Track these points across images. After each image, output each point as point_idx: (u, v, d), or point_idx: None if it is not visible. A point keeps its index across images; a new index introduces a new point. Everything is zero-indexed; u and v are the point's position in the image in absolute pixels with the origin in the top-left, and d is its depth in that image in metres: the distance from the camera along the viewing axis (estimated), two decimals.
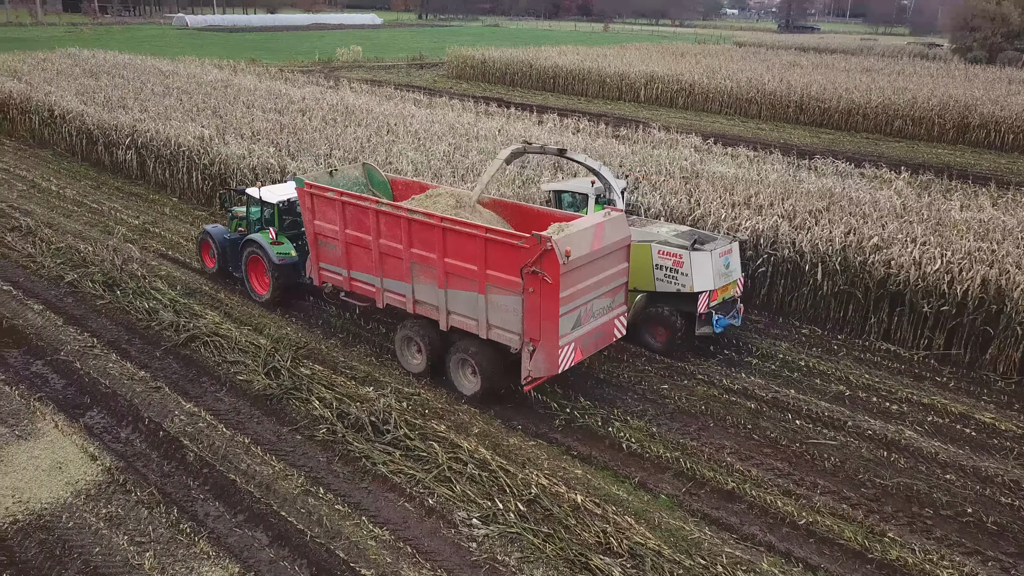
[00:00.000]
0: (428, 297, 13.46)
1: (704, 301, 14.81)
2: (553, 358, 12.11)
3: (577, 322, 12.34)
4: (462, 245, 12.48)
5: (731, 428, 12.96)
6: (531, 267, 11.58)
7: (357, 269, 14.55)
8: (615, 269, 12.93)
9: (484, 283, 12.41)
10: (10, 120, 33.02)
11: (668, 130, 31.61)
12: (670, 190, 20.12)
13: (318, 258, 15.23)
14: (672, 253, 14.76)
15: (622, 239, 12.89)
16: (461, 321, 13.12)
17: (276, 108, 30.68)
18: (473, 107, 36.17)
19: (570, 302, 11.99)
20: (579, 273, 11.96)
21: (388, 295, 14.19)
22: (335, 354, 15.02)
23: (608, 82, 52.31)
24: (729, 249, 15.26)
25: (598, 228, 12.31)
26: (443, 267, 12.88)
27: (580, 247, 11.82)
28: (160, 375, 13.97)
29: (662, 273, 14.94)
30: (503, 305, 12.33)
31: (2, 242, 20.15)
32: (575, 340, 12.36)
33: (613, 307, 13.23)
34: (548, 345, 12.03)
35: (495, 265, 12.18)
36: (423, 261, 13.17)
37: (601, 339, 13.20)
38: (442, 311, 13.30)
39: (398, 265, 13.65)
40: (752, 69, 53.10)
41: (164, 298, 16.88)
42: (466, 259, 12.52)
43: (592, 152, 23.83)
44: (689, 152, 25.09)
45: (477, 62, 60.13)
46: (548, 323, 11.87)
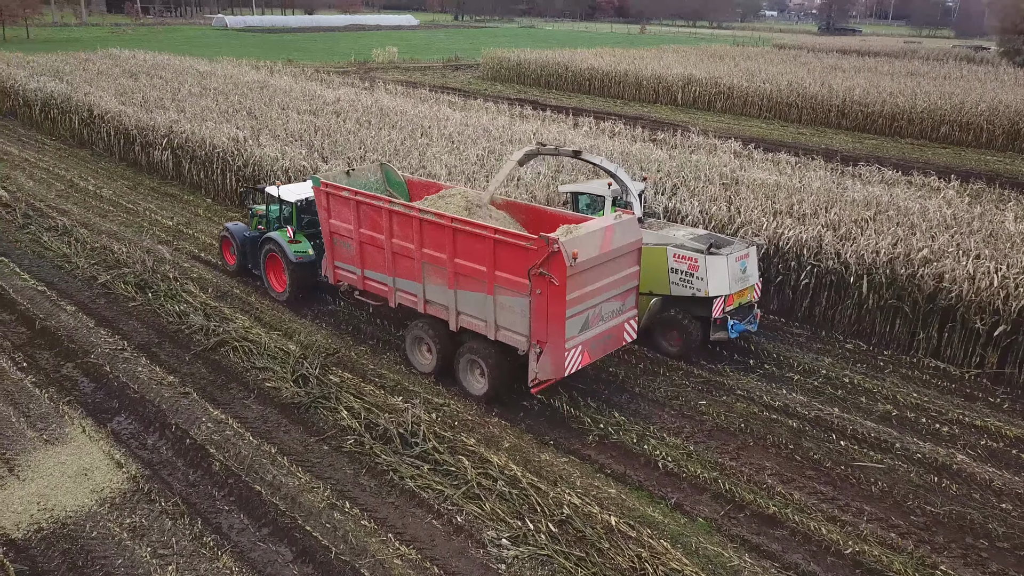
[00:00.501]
0: (438, 297, 13.45)
1: (719, 306, 14.56)
2: (559, 360, 12.03)
3: (585, 325, 12.23)
4: (471, 246, 12.46)
5: (772, 448, 12.44)
6: (538, 269, 11.53)
7: (370, 268, 14.60)
8: (625, 272, 12.77)
9: (493, 284, 12.37)
10: (51, 120, 33.44)
11: (707, 134, 30.98)
12: (709, 197, 19.58)
13: (333, 257, 15.32)
14: (688, 257, 14.52)
15: (632, 242, 12.71)
16: (470, 322, 13.09)
17: (311, 109, 30.65)
18: (508, 110, 35.86)
19: (577, 304, 11.89)
20: (587, 276, 11.86)
21: (400, 294, 14.20)
22: (364, 361, 14.77)
23: (645, 85, 51.68)
24: (746, 254, 14.96)
25: (607, 231, 12.18)
26: (453, 267, 12.86)
27: (588, 249, 11.70)
28: (189, 380, 13.83)
29: (677, 277, 14.71)
30: (511, 306, 12.29)
31: (39, 242, 20.28)
32: (583, 343, 12.27)
33: (623, 310, 13.07)
34: (554, 347, 11.95)
35: (503, 266, 12.13)
36: (434, 261, 13.16)
37: (610, 343, 13.07)
38: (452, 311, 13.28)
39: (410, 265, 13.66)
40: (792, 72, 52.09)
41: (195, 301, 16.78)
42: (475, 260, 12.50)
43: (629, 157, 23.36)
44: (728, 158, 24.49)
45: (512, 64, 59.84)
46: (555, 325, 11.79)
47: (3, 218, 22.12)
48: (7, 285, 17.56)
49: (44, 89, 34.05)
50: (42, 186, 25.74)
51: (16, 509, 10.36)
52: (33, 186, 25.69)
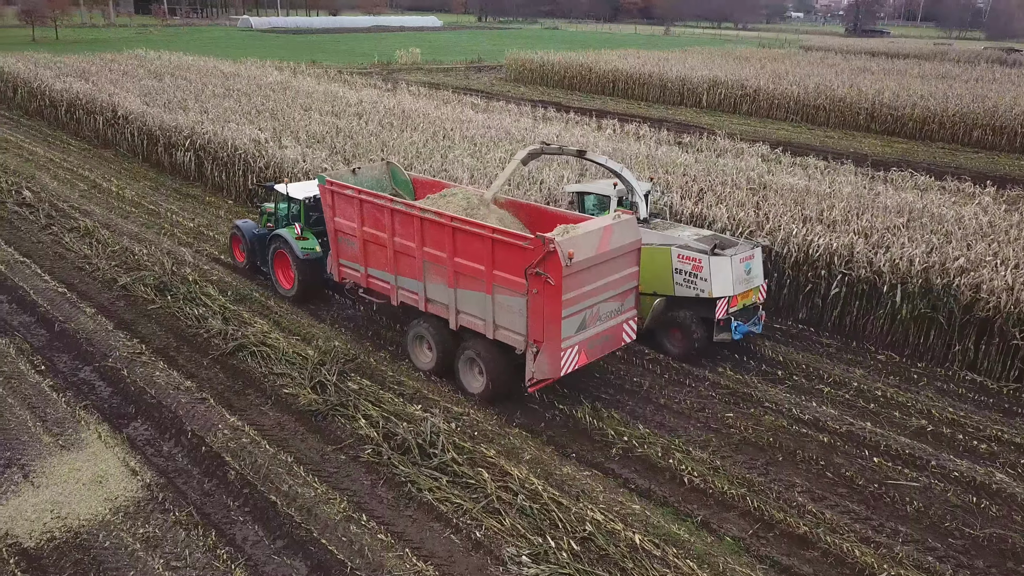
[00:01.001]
0: (439, 296, 13.49)
1: (722, 307, 14.46)
2: (556, 360, 11.98)
3: (582, 325, 12.17)
4: (470, 245, 12.47)
5: (802, 464, 12.02)
6: (535, 268, 11.52)
7: (374, 266, 14.67)
8: (624, 273, 12.69)
9: (491, 283, 12.37)
10: (76, 120, 33.62)
11: (733, 137, 30.47)
12: (736, 202, 19.15)
13: (338, 254, 15.44)
14: (691, 257, 14.46)
15: (631, 242, 12.63)
16: (470, 320, 13.10)
17: (333, 111, 30.55)
18: (531, 112, 35.55)
19: (573, 304, 11.84)
20: (583, 276, 11.80)
21: (402, 293, 14.27)
22: (383, 368, 14.52)
23: (669, 87, 51.17)
24: (751, 255, 14.82)
25: (606, 231, 12.13)
26: (453, 266, 12.89)
27: (584, 249, 11.65)
28: (206, 385, 13.66)
29: (681, 277, 14.66)
30: (509, 305, 12.27)
31: (60, 243, 20.27)
32: (580, 343, 12.22)
33: (622, 311, 13.00)
34: (551, 347, 11.91)
35: (501, 265, 12.12)
36: (434, 260, 13.21)
37: (608, 343, 13.01)
38: (452, 310, 13.30)
39: (411, 263, 13.71)
40: (820, 74, 51.33)
41: (214, 304, 16.63)
42: (474, 259, 12.51)
43: (655, 161, 22.98)
44: (756, 161, 24.00)
45: (536, 65, 59.55)
46: (551, 325, 11.76)
47: (26, 219, 22.17)
48: (28, 286, 17.53)
49: (70, 90, 34.27)
50: (66, 186, 25.82)
51: (30, 517, 10.21)
52: (57, 186, 25.78)
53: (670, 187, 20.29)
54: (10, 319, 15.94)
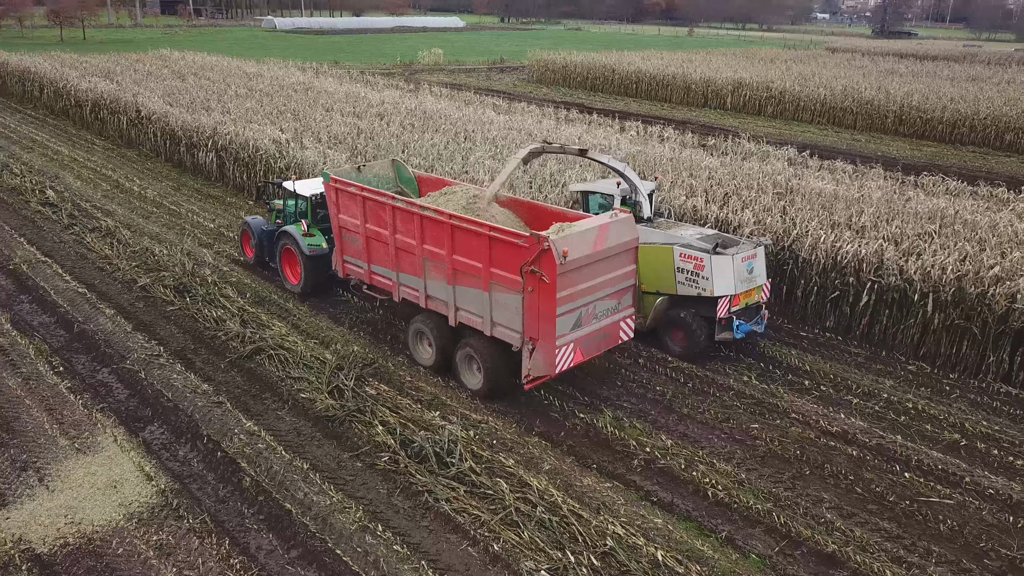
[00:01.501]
0: (439, 293, 13.60)
1: (724, 306, 14.48)
2: (551, 358, 12.04)
3: (577, 323, 12.23)
4: (468, 242, 12.56)
5: (830, 478, 11.66)
6: (530, 266, 11.57)
7: (376, 263, 14.82)
8: (621, 271, 12.71)
9: (488, 280, 12.44)
10: (100, 120, 33.82)
11: (759, 141, 29.99)
12: (763, 207, 18.76)
13: (342, 251, 15.60)
14: (693, 256, 14.47)
15: (628, 241, 12.64)
16: (468, 317, 13.21)
17: (355, 112, 30.47)
18: (553, 113, 35.29)
19: (568, 303, 11.90)
20: (578, 274, 11.85)
21: (404, 289, 14.41)
22: (402, 373, 14.33)
23: (693, 88, 50.66)
24: (753, 254, 14.80)
25: (601, 229, 12.16)
26: (452, 264, 12.99)
27: (579, 248, 11.71)
28: (223, 389, 13.54)
29: (683, 276, 14.68)
30: (505, 303, 12.33)
31: (82, 242, 20.31)
32: (575, 341, 12.26)
33: (619, 309, 13.03)
34: (546, 344, 11.97)
35: (498, 263, 12.18)
36: (434, 257, 13.32)
37: (605, 341, 13.03)
38: (451, 307, 13.41)
39: (412, 260, 13.82)
40: (847, 76, 50.60)
41: (232, 306, 16.54)
42: (472, 256, 12.60)
43: (679, 164, 22.61)
44: (782, 165, 23.55)
45: (558, 66, 59.24)
46: (546, 322, 11.83)
47: (49, 218, 22.26)
48: (49, 287, 17.54)
49: (94, 89, 34.48)
50: (89, 186, 25.92)
51: (43, 522, 10.11)
52: (80, 186, 25.89)
53: (694, 191, 19.93)
54: (31, 319, 15.94)
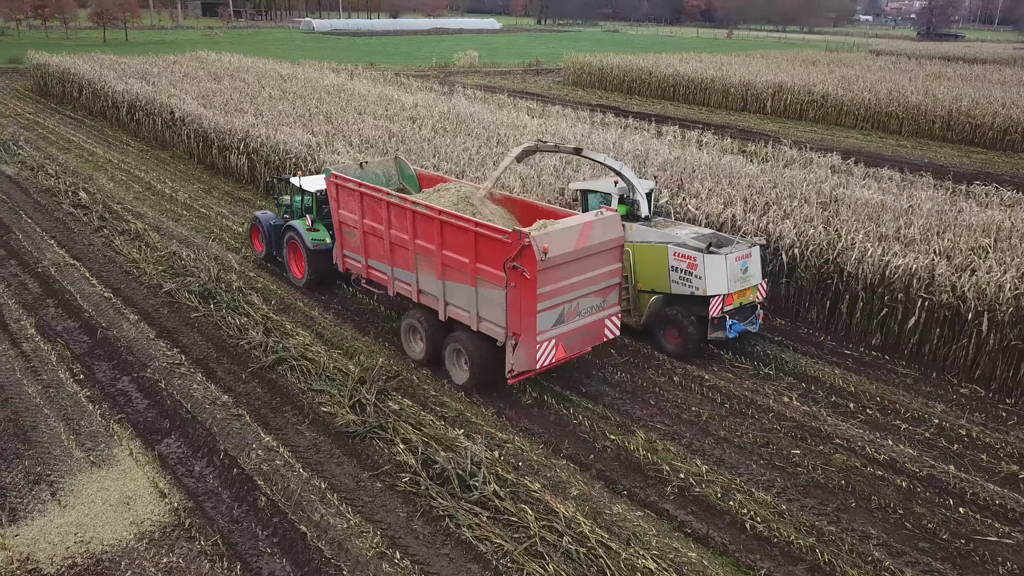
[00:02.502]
0: (430, 287, 13.83)
1: (716, 305, 14.54)
2: (532, 353, 12.22)
3: (560, 319, 12.40)
4: (456, 238, 12.76)
5: (877, 511, 10.91)
6: (512, 262, 11.74)
7: (373, 258, 15.12)
8: (606, 269, 12.85)
9: (474, 276, 12.62)
10: (136, 121, 33.96)
11: (801, 147, 29.04)
12: (805, 217, 17.97)
13: (342, 245, 15.90)
14: (687, 255, 14.59)
15: (613, 239, 12.76)
16: (457, 312, 13.40)
17: (387, 115, 30.14)
18: (588, 117, 34.65)
19: (549, 299, 12.06)
20: (560, 271, 11.99)
21: (398, 284, 14.65)
22: (426, 387, 13.86)
23: (732, 92, 49.64)
24: (748, 254, 14.86)
25: (585, 227, 12.28)
26: (441, 259, 13.22)
27: (561, 245, 11.85)
28: (243, 401, 13.18)
29: (677, 275, 14.81)
30: (491, 298, 12.50)
31: (111, 245, 20.19)
32: (556, 337, 12.43)
33: (604, 307, 13.18)
34: (527, 340, 12.17)
35: (483, 258, 12.38)
36: (425, 252, 13.56)
37: (588, 339, 13.18)
38: (440, 302, 13.63)
39: (406, 255, 14.09)
40: (892, 80, 49.17)
41: (257, 314, 16.22)
42: (460, 252, 12.80)
43: (718, 170, 21.85)
44: (826, 173, 22.66)
45: (594, 69, 58.54)
46: (527, 318, 12.01)
47: (80, 220, 22.23)
48: (75, 291, 17.40)
49: (131, 91, 34.64)
50: (121, 188, 25.93)
51: (53, 540, 9.79)
52: (113, 188, 25.90)
53: (733, 200, 19.20)
54: (55, 324, 15.77)
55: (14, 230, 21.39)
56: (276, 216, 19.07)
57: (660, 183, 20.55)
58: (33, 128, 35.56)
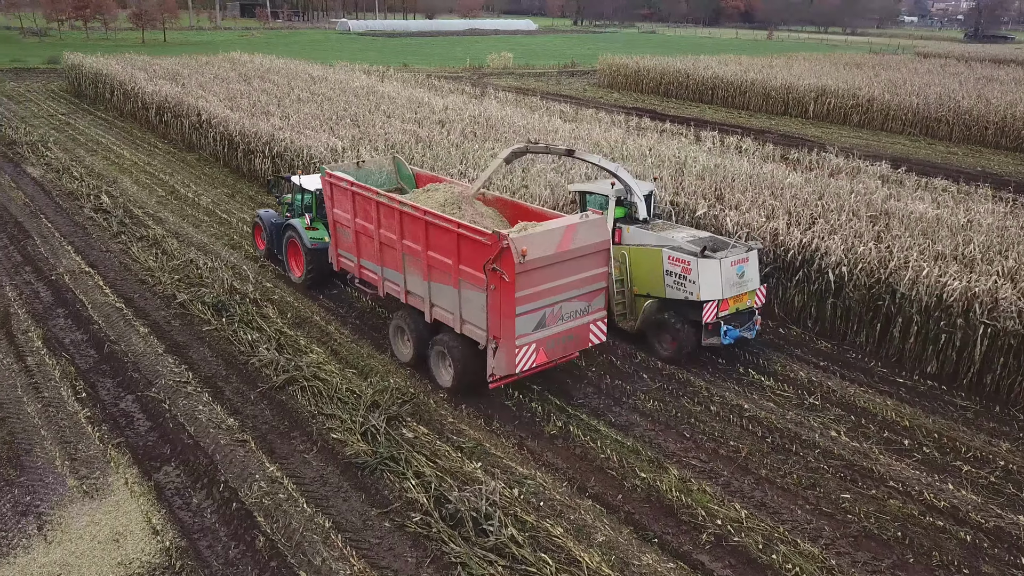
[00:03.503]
0: (417, 288, 13.70)
1: (711, 311, 14.19)
2: (511, 357, 12.03)
3: (541, 323, 12.23)
4: (441, 239, 12.63)
5: (939, 569, 9.78)
6: (492, 264, 11.56)
7: (365, 257, 15.04)
8: (590, 273, 12.64)
9: (457, 277, 12.48)
10: (164, 123, 33.65)
11: (849, 155, 27.63)
12: (854, 233, 16.77)
13: (337, 244, 15.90)
14: (681, 259, 14.27)
15: (598, 243, 12.52)
16: (441, 314, 13.27)
17: (416, 119, 29.38)
18: (623, 121, 33.58)
19: (529, 302, 11.89)
20: (540, 274, 11.82)
21: (387, 284, 14.56)
22: (443, 413, 12.98)
23: (773, 95, 48.10)
24: (745, 258, 14.45)
25: (568, 230, 12.08)
26: (427, 259, 13.08)
27: (541, 248, 11.68)
28: (249, 424, 12.42)
29: (672, 279, 14.49)
30: (472, 300, 12.34)
31: (128, 252, 19.66)
32: (537, 341, 12.25)
33: (589, 311, 12.96)
34: (507, 343, 11.98)
35: (466, 260, 12.23)
36: (412, 253, 13.45)
37: (572, 343, 12.98)
38: (426, 303, 13.49)
39: (394, 255, 13.97)
40: (941, 84, 47.23)
41: (271, 328, 15.51)
42: (444, 253, 12.67)
43: (759, 180, 20.68)
44: (875, 183, 21.33)
45: (630, 71, 57.33)
46: (506, 321, 11.83)
47: (99, 225, 21.77)
48: (87, 300, 16.86)
49: (159, 92, 34.35)
50: (144, 191, 25.49)
51: None
52: (136, 191, 25.48)
53: (775, 212, 18.06)
54: (63, 336, 15.20)
55: (33, 235, 20.98)
56: (279, 215, 19.12)
57: (698, 192, 19.48)
58: (63, 129, 35.47)
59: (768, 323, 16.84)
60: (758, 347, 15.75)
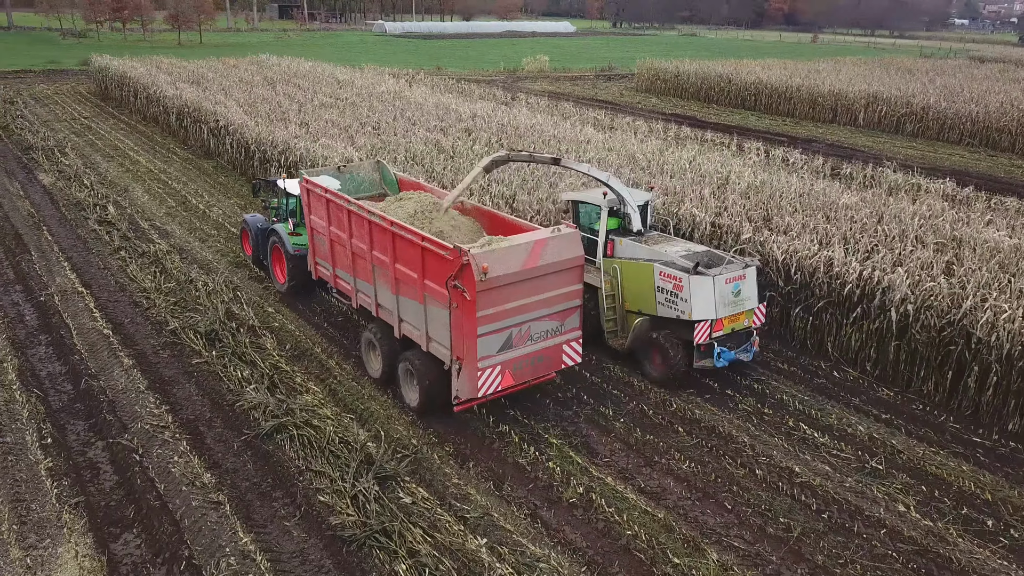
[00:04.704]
0: (386, 302, 13.06)
1: (703, 331, 13.25)
2: (473, 379, 11.34)
3: (507, 344, 11.51)
4: (407, 251, 11.99)
5: None
6: (453, 280, 10.91)
7: (339, 267, 14.43)
8: (563, 291, 11.88)
9: (423, 292, 11.83)
10: (184, 129, 32.63)
11: (908, 170, 25.44)
12: (920, 264, 14.82)
13: (314, 252, 15.33)
14: (673, 276, 13.33)
15: (571, 259, 11.79)
16: (409, 330, 12.63)
17: (441, 127, 27.87)
18: (662, 130, 31.74)
19: (493, 322, 11.18)
20: (504, 292, 11.12)
21: (360, 295, 13.94)
22: (447, 471, 11.38)
23: (820, 102, 45.75)
24: (741, 275, 13.46)
25: (536, 245, 11.38)
26: (394, 272, 12.46)
27: (505, 264, 10.98)
28: (226, 482, 10.94)
29: (663, 296, 13.58)
30: (437, 317, 11.66)
31: (126, 271, 18.42)
32: (502, 363, 11.52)
33: (562, 331, 12.15)
34: (469, 365, 11.31)
35: (430, 275, 11.57)
36: (381, 264, 12.83)
37: (543, 365, 12.18)
38: (395, 317, 12.84)
39: (365, 266, 13.38)
40: (1002, 90, 44.47)
41: (265, 363, 14.09)
42: (410, 266, 12.02)
43: (810, 198, 18.77)
44: (941, 205, 19.23)
45: (670, 75, 55.31)
46: (468, 341, 11.14)
47: (102, 239, 20.60)
48: (74, 325, 15.61)
49: (179, 96, 33.34)
50: (155, 201, 24.35)
51: None
52: (146, 201, 24.36)
53: (830, 238, 16.19)
54: (40, 368, 13.94)
55: (31, 249, 19.88)
56: (266, 219, 18.52)
57: (743, 213, 17.65)
58: (84, 134, 34.66)
59: (821, 365, 14.99)
60: (809, 393, 13.94)
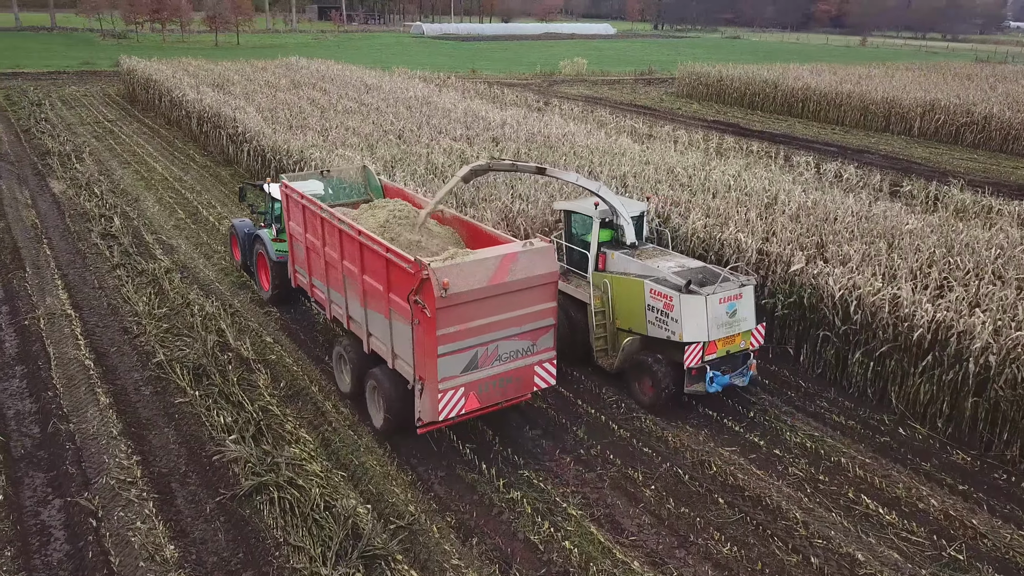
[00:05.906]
0: (356, 314, 12.45)
1: (694, 354, 12.39)
2: (434, 401, 10.61)
3: (472, 364, 10.77)
4: (374, 262, 11.38)
5: None
6: (415, 296, 10.26)
7: (315, 275, 14.01)
8: (535, 308, 11.10)
9: (388, 306, 11.19)
10: (205, 134, 31.59)
11: (977, 190, 23.20)
12: (1000, 306, 12.84)
13: (293, 260, 14.89)
14: (663, 294, 12.52)
15: (543, 274, 11.03)
16: (377, 345, 11.94)
17: (467, 136, 26.34)
18: (702, 140, 29.82)
19: (455, 341, 10.45)
20: (468, 309, 10.39)
21: (333, 306, 13.38)
22: (447, 549, 9.78)
23: (872, 109, 43.32)
24: (738, 295, 12.58)
25: (504, 260, 10.66)
26: (362, 284, 11.85)
27: (468, 280, 10.30)
28: (192, 556, 9.49)
29: (654, 315, 12.78)
30: (402, 333, 10.98)
31: (121, 291, 17.19)
32: (466, 385, 10.79)
33: (534, 351, 11.36)
34: (430, 385, 10.61)
35: (395, 288, 10.92)
36: (351, 275, 12.27)
37: (512, 387, 11.33)
38: (363, 331, 12.23)
39: (337, 276, 12.88)
40: None
41: (254, 405, 12.64)
42: (376, 278, 11.40)
43: (871, 226, 16.76)
44: (1018, 233, 17.08)
45: (712, 80, 53.20)
46: (429, 361, 10.45)
47: (102, 254, 19.44)
48: (54, 354, 14.36)
49: (200, 101, 32.31)
50: (165, 212, 23.20)
51: None
52: (156, 212, 23.22)
53: (895, 271, 14.28)
54: (7, 407, 12.65)
55: (27, 265, 18.76)
56: (254, 225, 18.04)
57: (794, 239, 15.80)
58: (104, 138, 33.81)
59: (884, 420, 13.11)
60: (871, 454, 12.08)
